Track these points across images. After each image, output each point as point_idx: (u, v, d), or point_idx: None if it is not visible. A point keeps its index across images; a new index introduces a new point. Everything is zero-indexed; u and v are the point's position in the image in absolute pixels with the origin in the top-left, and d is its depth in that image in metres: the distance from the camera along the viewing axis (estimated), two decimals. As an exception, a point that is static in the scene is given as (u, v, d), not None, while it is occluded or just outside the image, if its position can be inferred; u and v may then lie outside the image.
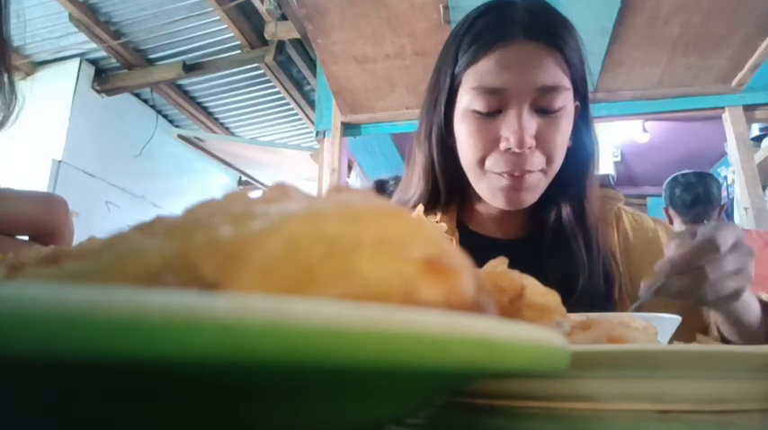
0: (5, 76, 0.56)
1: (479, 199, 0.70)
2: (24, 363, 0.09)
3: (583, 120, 0.69)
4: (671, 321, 0.42)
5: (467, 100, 0.65)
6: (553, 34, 0.63)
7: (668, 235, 0.72)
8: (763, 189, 1.98)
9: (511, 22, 0.63)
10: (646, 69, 1.80)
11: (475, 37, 0.65)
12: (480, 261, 0.26)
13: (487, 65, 0.63)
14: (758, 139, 2.21)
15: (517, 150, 0.61)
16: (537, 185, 0.65)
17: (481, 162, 0.65)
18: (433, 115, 0.71)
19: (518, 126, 0.60)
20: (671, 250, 0.52)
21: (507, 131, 0.61)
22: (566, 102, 0.63)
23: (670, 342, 0.41)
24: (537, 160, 0.63)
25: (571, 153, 0.68)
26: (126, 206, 3.34)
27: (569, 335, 0.26)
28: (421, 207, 0.48)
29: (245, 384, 0.11)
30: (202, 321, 0.08)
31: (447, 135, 0.70)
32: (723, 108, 1.93)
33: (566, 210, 0.69)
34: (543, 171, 0.64)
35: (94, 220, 2.77)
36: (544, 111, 0.63)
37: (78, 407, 0.11)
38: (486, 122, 0.64)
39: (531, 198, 0.65)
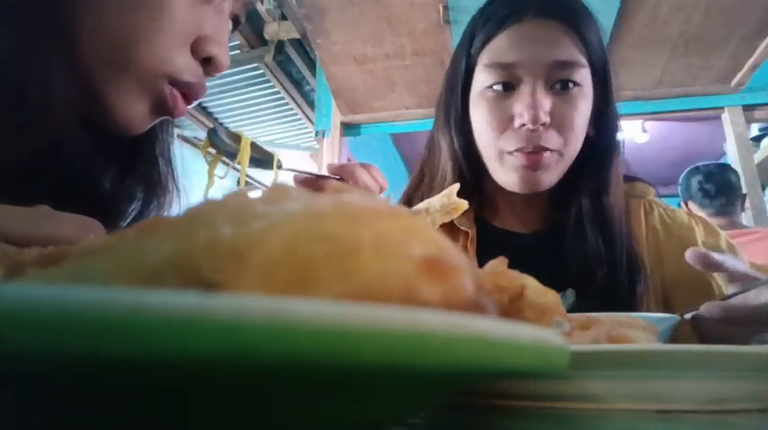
0: (171, 170, 0.55)
1: (499, 190, 0.69)
2: (24, 363, 0.09)
3: (603, 107, 0.67)
4: (671, 321, 0.42)
5: (481, 80, 0.65)
6: (568, 11, 0.63)
7: (706, 230, 0.68)
8: (763, 189, 1.98)
9: (525, 0, 0.64)
10: (645, 69, 1.80)
11: (488, 17, 0.66)
12: (501, 255, 0.26)
13: (501, 42, 0.63)
14: (757, 139, 2.21)
15: (531, 126, 0.60)
16: (553, 166, 0.63)
17: (497, 142, 0.64)
18: (450, 100, 0.70)
19: (531, 101, 0.60)
20: (729, 300, 0.47)
21: (521, 107, 0.61)
22: (582, 79, 0.63)
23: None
24: (552, 138, 0.62)
25: (591, 141, 0.67)
26: (126, 206, 3.33)
27: (569, 335, 0.26)
28: (457, 185, 0.46)
29: (245, 384, 0.11)
30: (202, 321, 0.08)
31: (465, 122, 0.69)
32: (722, 108, 1.93)
33: (585, 203, 0.67)
34: (559, 152, 0.63)
35: (94, 220, 2.76)
36: (560, 88, 0.62)
37: (78, 407, 0.11)
38: (501, 101, 0.63)
39: (547, 180, 0.64)
